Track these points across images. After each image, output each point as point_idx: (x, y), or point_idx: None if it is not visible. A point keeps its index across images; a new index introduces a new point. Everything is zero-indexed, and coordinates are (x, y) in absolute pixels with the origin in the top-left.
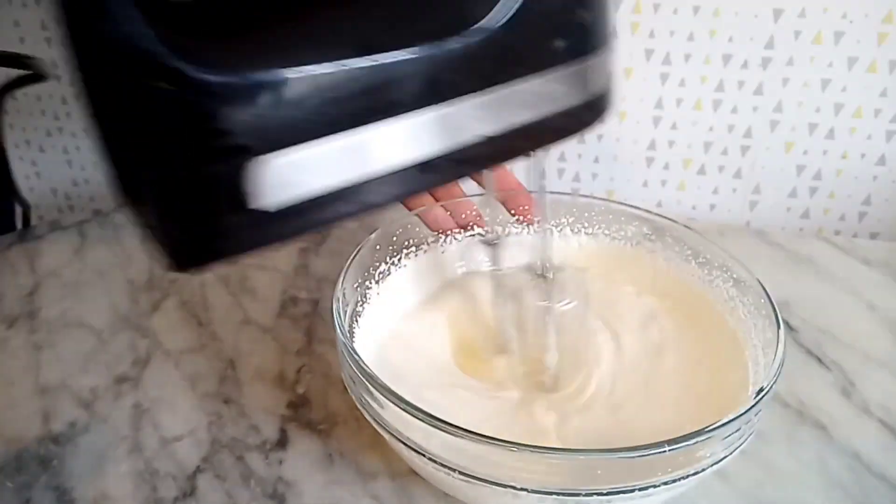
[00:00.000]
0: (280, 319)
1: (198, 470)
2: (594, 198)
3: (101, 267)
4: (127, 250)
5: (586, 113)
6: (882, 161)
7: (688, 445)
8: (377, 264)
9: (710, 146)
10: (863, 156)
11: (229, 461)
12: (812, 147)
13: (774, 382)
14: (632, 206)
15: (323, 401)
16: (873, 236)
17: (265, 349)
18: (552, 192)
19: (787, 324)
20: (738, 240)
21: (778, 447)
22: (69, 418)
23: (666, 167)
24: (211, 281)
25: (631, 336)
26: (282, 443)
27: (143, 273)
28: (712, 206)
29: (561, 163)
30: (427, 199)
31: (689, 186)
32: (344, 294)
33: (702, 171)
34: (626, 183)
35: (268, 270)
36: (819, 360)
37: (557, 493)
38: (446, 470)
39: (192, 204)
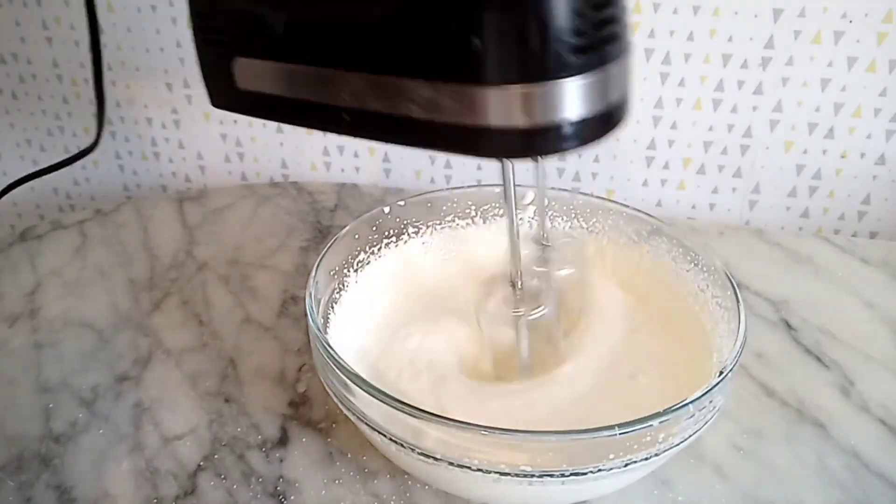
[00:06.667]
0: (281, 318)
1: (199, 469)
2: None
3: (102, 266)
4: (128, 249)
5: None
6: (882, 160)
7: (641, 429)
8: (356, 253)
9: (709, 146)
10: (862, 155)
11: (230, 460)
12: (812, 146)
13: (734, 366)
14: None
15: (323, 399)
16: (872, 235)
17: (266, 348)
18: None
19: (786, 323)
20: (738, 239)
21: (777, 446)
22: (70, 417)
23: (666, 166)
24: (212, 280)
25: (604, 330)
26: (282, 441)
27: (143, 272)
28: (712, 206)
29: (560, 162)
30: None
31: (689, 186)
32: (317, 283)
33: (701, 171)
34: (625, 182)
35: (268, 269)
36: (818, 358)
37: (512, 475)
38: (406, 450)
39: (210, 72)
